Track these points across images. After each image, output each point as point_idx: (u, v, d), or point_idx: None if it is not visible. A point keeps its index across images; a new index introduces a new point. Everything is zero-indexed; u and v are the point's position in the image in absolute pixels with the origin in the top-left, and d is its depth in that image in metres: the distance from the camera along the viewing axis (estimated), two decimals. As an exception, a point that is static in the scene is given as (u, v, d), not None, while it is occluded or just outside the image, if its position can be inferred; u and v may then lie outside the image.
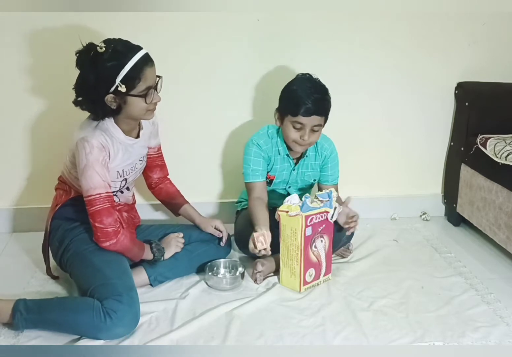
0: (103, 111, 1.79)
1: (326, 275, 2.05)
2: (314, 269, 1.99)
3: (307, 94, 1.97)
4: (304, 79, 2.04)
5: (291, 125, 2.02)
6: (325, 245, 2.00)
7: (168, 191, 2.20)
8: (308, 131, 2.01)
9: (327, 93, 2.03)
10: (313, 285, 2.01)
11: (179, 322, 1.79)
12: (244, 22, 2.29)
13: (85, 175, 1.77)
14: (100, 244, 1.81)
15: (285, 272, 2.00)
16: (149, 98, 1.78)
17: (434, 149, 2.63)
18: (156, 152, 2.13)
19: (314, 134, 2.03)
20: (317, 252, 1.98)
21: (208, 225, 2.13)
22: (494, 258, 2.29)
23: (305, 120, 1.99)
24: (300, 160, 2.17)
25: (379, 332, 1.77)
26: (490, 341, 1.74)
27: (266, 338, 1.73)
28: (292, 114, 2.00)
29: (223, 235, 2.14)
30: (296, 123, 2.00)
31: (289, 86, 2.05)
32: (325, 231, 1.99)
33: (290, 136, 2.04)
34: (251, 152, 2.13)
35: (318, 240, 1.98)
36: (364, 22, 2.36)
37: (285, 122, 2.05)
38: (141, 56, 1.73)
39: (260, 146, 2.12)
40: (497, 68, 2.51)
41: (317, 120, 2.00)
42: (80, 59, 1.74)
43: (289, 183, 2.21)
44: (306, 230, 1.92)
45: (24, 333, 1.72)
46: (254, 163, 2.12)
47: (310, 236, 1.94)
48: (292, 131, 2.03)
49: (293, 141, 2.05)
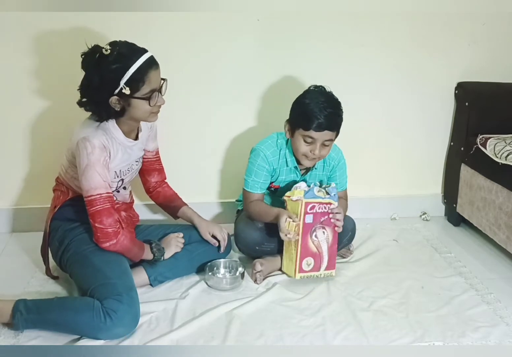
0: (107, 113, 1.79)
1: (328, 269, 2.03)
2: (313, 258, 2.00)
3: (320, 109, 1.94)
4: (317, 93, 2.00)
5: (302, 139, 1.99)
6: (327, 238, 2.01)
7: (166, 194, 2.19)
8: (319, 145, 1.98)
9: (340, 108, 2.01)
10: (311, 275, 2.01)
11: (179, 322, 1.79)
12: (244, 22, 2.29)
13: (86, 175, 1.77)
14: (100, 244, 1.81)
15: (285, 257, 2.05)
16: (153, 101, 1.79)
17: (434, 149, 2.63)
18: (154, 156, 2.13)
19: (325, 148, 2.01)
20: (317, 242, 1.99)
21: (206, 232, 2.11)
22: (494, 258, 2.29)
23: (317, 135, 1.96)
24: (308, 172, 2.17)
25: (379, 332, 1.77)
26: (490, 341, 1.74)
27: (266, 338, 1.73)
28: (303, 128, 1.97)
29: (220, 243, 2.11)
30: (307, 137, 1.98)
31: (302, 99, 2.01)
32: (328, 223, 2.00)
33: (300, 150, 2.02)
34: (255, 163, 2.09)
35: (320, 230, 1.99)
36: (364, 22, 2.36)
37: (295, 135, 2.01)
38: (146, 59, 1.74)
39: (266, 158, 2.08)
40: (497, 68, 2.51)
41: (329, 135, 1.98)
42: (85, 61, 1.75)
43: None
44: (306, 216, 1.95)
45: (24, 333, 1.71)
46: (256, 175, 2.10)
47: (311, 224, 1.96)
48: (303, 145, 2.00)
49: (303, 155, 2.03)
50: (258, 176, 2.10)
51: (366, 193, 2.62)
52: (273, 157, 2.09)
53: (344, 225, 2.05)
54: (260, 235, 2.11)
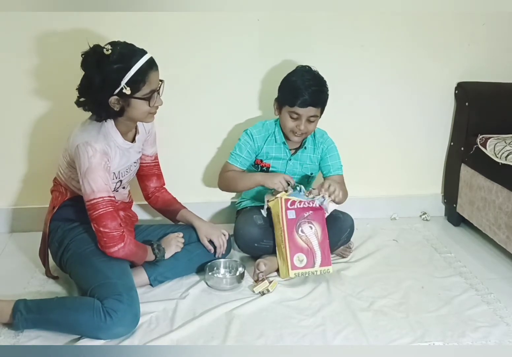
0: (107, 113, 1.80)
1: (323, 265, 2.01)
2: (304, 254, 2.00)
3: (305, 86, 2.05)
4: (304, 71, 2.12)
5: (288, 115, 2.11)
6: (316, 232, 2.02)
7: (165, 199, 2.19)
8: (304, 121, 2.09)
9: (325, 85, 2.12)
10: (306, 272, 2.00)
11: (179, 322, 1.79)
12: (244, 22, 2.29)
13: (87, 179, 1.76)
14: (108, 249, 1.78)
15: (279, 260, 2.06)
16: (153, 102, 1.80)
17: (434, 149, 2.63)
18: (153, 161, 2.14)
19: (310, 124, 2.12)
20: (305, 238, 2.00)
21: (203, 236, 2.09)
22: (494, 258, 2.29)
23: (302, 111, 2.07)
24: (298, 151, 2.22)
25: (379, 332, 1.77)
26: (490, 341, 1.74)
27: (266, 338, 1.73)
28: (289, 105, 2.09)
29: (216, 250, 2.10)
30: (293, 114, 2.09)
31: (289, 77, 2.14)
32: (314, 218, 2.02)
33: (287, 125, 2.13)
34: (241, 140, 2.24)
35: (306, 225, 2.01)
36: (364, 22, 2.36)
37: (282, 112, 2.14)
38: (147, 60, 1.75)
39: (251, 135, 2.22)
40: (497, 68, 2.52)
41: (313, 111, 2.08)
42: (86, 60, 1.75)
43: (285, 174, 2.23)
44: (288, 212, 1.99)
45: (24, 333, 1.71)
46: (240, 150, 2.22)
47: (294, 220, 1.99)
48: (289, 121, 2.12)
49: (290, 131, 2.14)
50: (241, 151, 2.22)
51: (366, 193, 2.62)
52: (258, 135, 2.22)
53: (342, 222, 2.12)
54: (259, 232, 2.11)
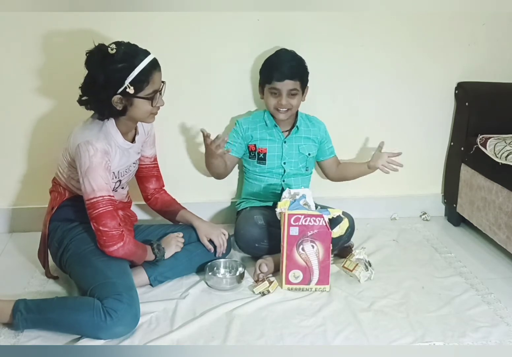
0: (109, 111, 1.80)
1: (320, 284, 1.98)
2: (301, 271, 1.96)
3: (280, 62, 2.13)
4: (281, 51, 2.20)
5: (269, 93, 2.16)
6: (317, 252, 1.95)
7: (164, 199, 2.19)
8: (284, 96, 2.13)
9: (301, 60, 2.17)
10: (300, 288, 1.98)
11: (179, 322, 1.79)
12: (244, 22, 2.29)
13: (88, 178, 1.76)
14: (107, 249, 1.78)
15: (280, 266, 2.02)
16: (155, 102, 1.82)
17: (434, 149, 2.63)
18: (152, 162, 2.14)
19: (292, 99, 2.15)
20: (305, 256, 1.95)
21: (203, 236, 2.09)
22: (494, 258, 2.29)
23: (280, 85, 2.11)
24: (291, 132, 2.24)
25: (379, 332, 1.77)
26: (490, 341, 1.74)
27: (266, 338, 1.73)
28: (268, 82, 2.15)
29: (216, 249, 2.10)
30: (273, 90, 2.14)
31: (268, 57, 2.20)
32: (317, 237, 1.94)
33: (269, 103, 2.17)
34: (233, 130, 2.30)
35: (308, 244, 1.94)
36: (364, 22, 2.36)
37: (265, 93, 2.19)
38: (151, 60, 1.77)
39: (240, 125, 2.28)
40: (497, 68, 2.51)
41: (291, 84, 2.12)
42: (90, 59, 1.76)
43: (283, 157, 2.26)
44: (291, 228, 1.93)
45: (24, 333, 1.71)
46: (230, 138, 2.25)
47: (296, 237, 1.93)
48: (271, 99, 2.16)
49: (274, 109, 2.18)
50: (231, 139, 2.26)
51: (366, 193, 2.61)
52: (246, 125, 2.28)
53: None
54: (259, 232, 2.11)
